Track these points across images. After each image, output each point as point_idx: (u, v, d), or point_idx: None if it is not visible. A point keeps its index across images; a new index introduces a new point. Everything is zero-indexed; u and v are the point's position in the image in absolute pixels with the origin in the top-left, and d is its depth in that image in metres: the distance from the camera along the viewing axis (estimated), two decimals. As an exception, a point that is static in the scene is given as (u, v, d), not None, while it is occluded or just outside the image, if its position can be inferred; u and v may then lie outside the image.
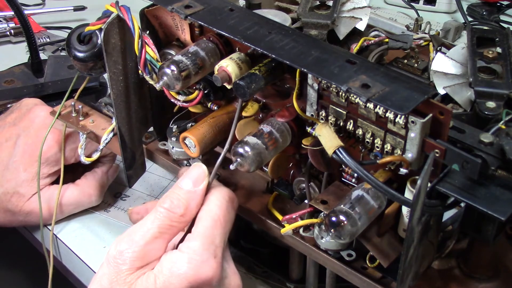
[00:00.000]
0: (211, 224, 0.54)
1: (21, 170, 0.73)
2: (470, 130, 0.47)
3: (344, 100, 0.50)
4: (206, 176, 0.55)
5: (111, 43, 0.58)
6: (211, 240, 0.53)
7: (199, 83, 0.59)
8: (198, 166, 0.56)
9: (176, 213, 0.53)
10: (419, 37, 0.63)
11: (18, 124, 0.75)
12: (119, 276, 0.51)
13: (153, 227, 0.53)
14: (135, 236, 0.52)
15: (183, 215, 0.54)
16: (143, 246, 0.52)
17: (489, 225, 0.48)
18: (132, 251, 0.52)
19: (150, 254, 0.52)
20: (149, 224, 0.53)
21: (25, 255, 0.92)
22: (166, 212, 0.53)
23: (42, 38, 1.08)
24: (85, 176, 0.76)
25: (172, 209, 0.53)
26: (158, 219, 0.53)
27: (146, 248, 0.52)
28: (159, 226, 0.53)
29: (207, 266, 0.52)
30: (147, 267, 0.52)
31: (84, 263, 0.72)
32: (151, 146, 0.68)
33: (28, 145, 0.73)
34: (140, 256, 0.52)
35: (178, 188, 0.55)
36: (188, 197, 0.54)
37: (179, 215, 0.53)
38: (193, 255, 0.52)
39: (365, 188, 0.50)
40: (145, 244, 0.52)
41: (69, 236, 0.75)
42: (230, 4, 0.57)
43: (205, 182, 0.55)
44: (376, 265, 0.53)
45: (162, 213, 0.53)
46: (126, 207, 0.78)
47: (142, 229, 0.53)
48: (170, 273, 0.51)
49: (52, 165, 0.73)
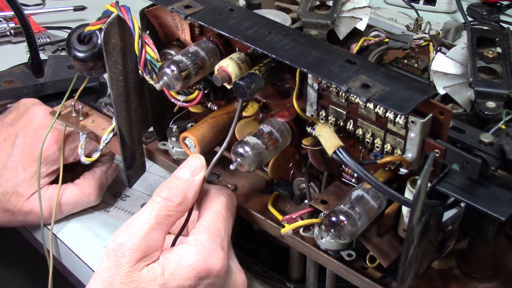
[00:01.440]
0: (215, 218, 0.54)
1: (20, 170, 0.73)
2: (470, 130, 0.47)
3: (344, 100, 0.50)
4: (204, 166, 0.55)
5: (111, 43, 0.58)
6: (217, 232, 0.53)
7: (199, 83, 0.59)
8: (196, 157, 0.56)
9: (174, 201, 0.53)
10: (419, 37, 0.63)
11: (16, 124, 0.75)
12: (119, 269, 0.51)
13: (151, 217, 0.52)
14: (133, 228, 0.52)
15: (180, 203, 0.53)
16: (142, 237, 0.52)
17: (489, 225, 0.48)
18: (131, 243, 0.51)
19: (150, 245, 0.52)
20: (146, 215, 0.53)
21: (24, 255, 0.92)
22: (163, 202, 0.53)
23: (42, 38, 1.08)
24: (84, 175, 0.76)
25: (170, 198, 0.53)
26: (155, 209, 0.53)
27: (144, 239, 0.52)
28: (156, 217, 0.53)
29: (215, 257, 0.52)
30: (147, 259, 0.52)
31: (84, 263, 0.72)
32: (151, 146, 0.68)
33: (26, 145, 0.73)
34: (139, 248, 0.52)
35: (175, 178, 0.55)
36: (186, 186, 0.54)
37: (177, 204, 0.53)
38: (200, 247, 0.52)
39: (365, 188, 0.50)
40: (144, 236, 0.52)
41: (69, 236, 0.75)
42: (230, 4, 0.57)
43: (202, 173, 0.55)
44: (376, 265, 0.53)
45: (159, 203, 0.53)
46: (126, 207, 0.78)
47: (140, 220, 0.52)
48: (178, 265, 0.52)
49: (51, 164, 0.73)
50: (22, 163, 0.73)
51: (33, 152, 0.72)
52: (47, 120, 0.74)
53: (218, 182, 0.64)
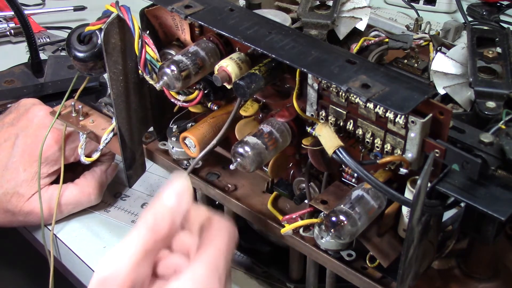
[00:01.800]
0: (216, 254, 0.50)
1: (21, 171, 0.73)
2: (470, 130, 0.47)
3: (344, 100, 0.50)
4: (190, 188, 0.51)
5: (111, 43, 0.58)
6: (216, 267, 0.50)
7: (199, 83, 0.59)
8: (181, 179, 0.51)
9: (161, 232, 0.50)
10: (419, 37, 0.63)
11: (16, 124, 0.75)
12: None
13: (138, 250, 0.49)
14: (120, 262, 0.49)
15: (168, 233, 0.50)
16: (129, 271, 0.48)
17: (489, 225, 0.48)
18: (118, 277, 0.48)
19: (137, 278, 0.49)
20: (133, 247, 0.49)
21: (25, 255, 0.92)
22: (150, 232, 0.49)
23: (42, 38, 1.08)
24: (84, 175, 0.76)
25: (156, 229, 0.50)
26: (142, 240, 0.49)
27: (132, 273, 0.49)
28: (144, 247, 0.49)
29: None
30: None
31: (84, 263, 0.72)
32: (151, 146, 0.68)
33: (27, 145, 0.73)
34: (127, 282, 0.48)
35: (161, 205, 0.51)
36: (172, 214, 0.50)
37: (164, 234, 0.50)
38: (198, 281, 0.48)
39: (365, 188, 0.50)
40: (131, 269, 0.48)
41: (69, 236, 0.75)
42: (230, 4, 0.57)
43: (188, 195, 0.51)
44: (376, 265, 0.53)
45: (147, 234, 0.49)
46: (126, 207, 0.78)
47: (127, 253, 0.49)
48: None
49: (52, 165, 0.73)
50: (22, 163, 0.73)
51: (33, 152, 0.72)
52: (47, 120, 0.73)
53: (218, 182, 0.64)
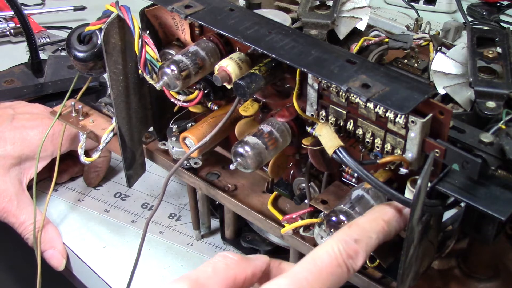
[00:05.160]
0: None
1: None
2: (470, 130, 0.47)
3: (344, 100, 0.50)
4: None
5: (111, 43, 0.58)
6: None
7: (199, 83, 0.59)
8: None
9: None
10: (419, 37, 0.63)
11: (15, 107, 0.77)
12: None
13: None
14: None
15: None
16: None
17: (489, 225, 0.48)
18: None
19: None
20: None
21: (24, 255, 0.92)
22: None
23: (42, 38, 1.08)
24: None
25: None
26: None
27: None
28: None
29: None
30: None
31: (84, 263, 0.72)
32: (151, 146, 0.68)
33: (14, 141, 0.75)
34: None
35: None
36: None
37: None
38: None
39: (365, 188, 0.50)
40: None
41: (69, 236, 0.75)
42: (230, 4, 0.57)
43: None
44: (376, 265, 0.53)
45: None
46: (126, 207, 0.78)
47: None
48: None
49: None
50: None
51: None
52: (46, 119, 0.74)
53: (218, 182, 0.64)
